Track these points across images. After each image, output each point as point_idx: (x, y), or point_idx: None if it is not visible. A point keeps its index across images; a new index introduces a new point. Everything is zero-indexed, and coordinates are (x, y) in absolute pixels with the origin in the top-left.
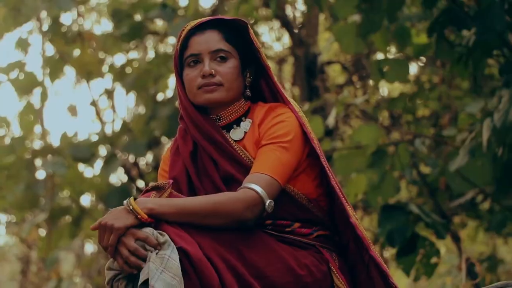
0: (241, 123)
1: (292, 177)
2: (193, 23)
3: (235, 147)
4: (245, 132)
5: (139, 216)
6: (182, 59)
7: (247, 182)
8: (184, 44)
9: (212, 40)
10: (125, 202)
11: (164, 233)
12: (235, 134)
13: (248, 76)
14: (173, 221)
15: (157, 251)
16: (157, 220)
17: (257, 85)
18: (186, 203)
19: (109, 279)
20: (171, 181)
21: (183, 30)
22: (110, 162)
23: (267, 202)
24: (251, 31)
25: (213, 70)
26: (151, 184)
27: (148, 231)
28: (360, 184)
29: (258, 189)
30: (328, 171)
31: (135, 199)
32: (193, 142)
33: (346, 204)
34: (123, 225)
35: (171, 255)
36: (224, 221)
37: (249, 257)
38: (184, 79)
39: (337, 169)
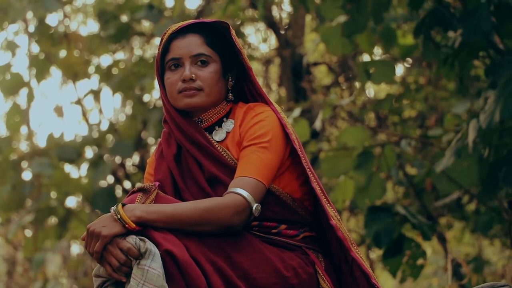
0: (223, 124)
1: (276, 176)
2: (175, 26)
3: (218, 148)
4: (227, 133)
5: (126, 225)
6: (164, 63)
7: (232, 186)
8: (165, 48)
9: (193, 44)
10: (112, 209)
11: (146, 240)
12: (217, 135)
13: (230, 80)
14: (161, 227)
15: (138, 260)
16: (145, 226)
17: (241, 86)
18: (175, 211)
19: (97, 286)
20: (157, 183)
21: (165, 33)
22: (97, 164)
23: (254, 206)
24: (233, 32)
25: (193, 75)
26: (137, 185)
27: (131, 240)
28: (349, 190)
29: (245, 193)
30: (310, 172)
31: (123, 205)
32: (177, 145)
33: (328, 205)
34: (110, 233)
35: (152, 264)
36: (212, 228)
37: (235, 258)
38: (165, 83)
39: (324, 170)
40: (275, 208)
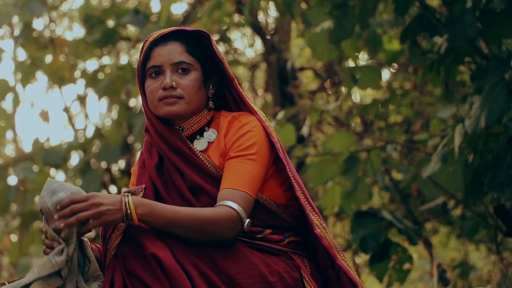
0: (204, 133)
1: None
2: (156, 34)
3: (200, 156)
4: (209, 142)
5: (130, 222)
6: (145, 70)
7: (225, 199)
8: (146, 55)
9: (174, 52)
10: (124, 199)
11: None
12: (199, 144)
13: (210, 88)
14: (155, 229)
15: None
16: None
17: (222, 94)
18: (174, 215)
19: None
20: (144, 185)
21: (146, 41)
22: (84, 170)
23: (246, 222)
24: (213, 42)
25: (174, 83)
26: (124, 190)
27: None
28: (336, 196)
29: (239, 208)
30: (294, 181)
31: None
32: (158, 155)
33: (313, 213)
34: (109, 220)
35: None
36: (205, 238)
37: (221, 264)
38: (146, 90)
39: (310, 176)
40: (259, 215)
